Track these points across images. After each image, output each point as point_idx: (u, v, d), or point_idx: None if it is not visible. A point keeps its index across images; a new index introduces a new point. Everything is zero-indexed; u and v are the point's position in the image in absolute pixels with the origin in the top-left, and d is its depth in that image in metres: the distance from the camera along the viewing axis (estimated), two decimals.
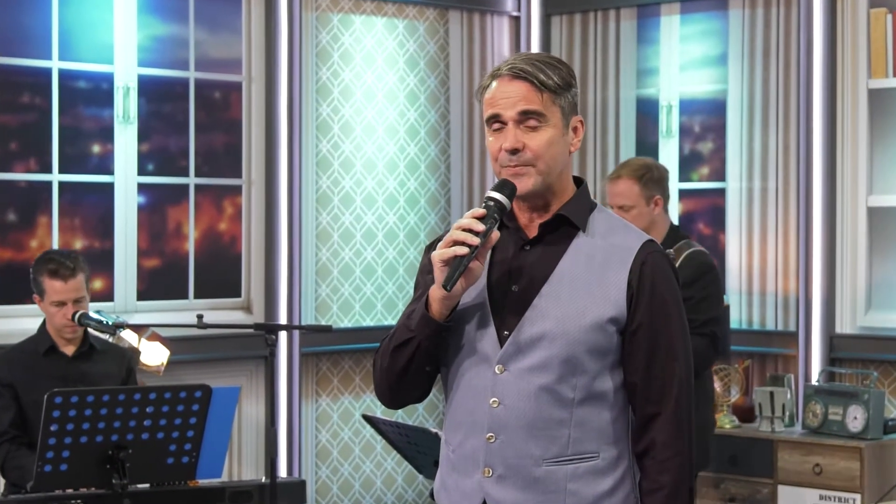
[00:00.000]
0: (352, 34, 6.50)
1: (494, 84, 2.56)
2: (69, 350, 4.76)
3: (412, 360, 2.57)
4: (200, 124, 6.04)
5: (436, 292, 2.51)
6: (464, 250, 2.47)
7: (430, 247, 2.63)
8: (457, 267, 2.46)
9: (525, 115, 2.52)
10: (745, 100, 6.34)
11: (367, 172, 6.54)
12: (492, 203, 2.51)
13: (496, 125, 2.55)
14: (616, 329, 2.54)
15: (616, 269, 2.55)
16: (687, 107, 6.55)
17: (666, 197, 4.95)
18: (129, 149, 5.81)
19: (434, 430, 4.34)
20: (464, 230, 2.48)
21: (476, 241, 2.47)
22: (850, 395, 5.66)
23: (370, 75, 6.55)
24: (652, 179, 4.89)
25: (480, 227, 2.48)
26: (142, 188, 5.86)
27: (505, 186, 2.53)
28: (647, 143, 6.66)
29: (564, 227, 2.59)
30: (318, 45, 6.37)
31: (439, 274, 2.48)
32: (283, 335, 6.09)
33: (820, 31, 6.02)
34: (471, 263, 2.48)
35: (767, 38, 6.28)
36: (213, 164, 6.10)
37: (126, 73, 5.80)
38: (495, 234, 2.52)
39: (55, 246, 5.57)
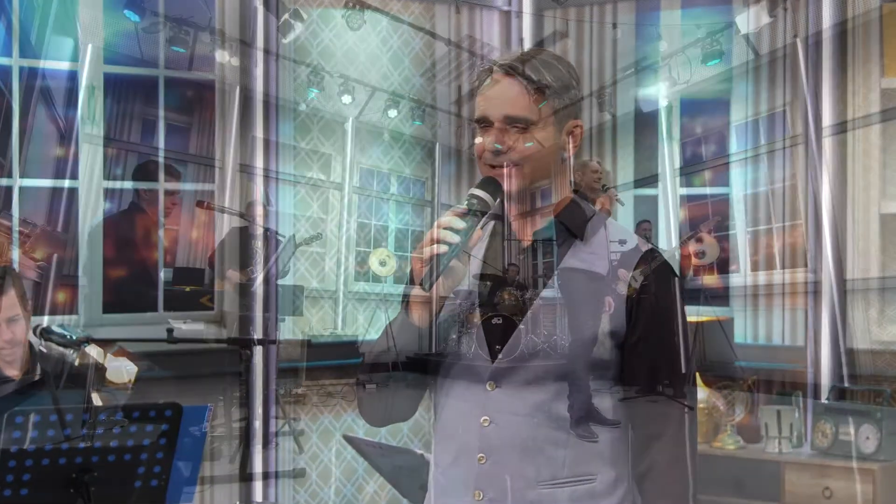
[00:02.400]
0: (332, 30, 6.50)
1: (487, 82, 2.57)
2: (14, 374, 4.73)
3: (394, 369, 2.57)
4: (171, 126, 6.03)
5: (417, 295, 2.51)
6: (443, 248, 2.46)
7: None
8: (436, 266, 2.46)
9: (511, 120, 2.53)
10: (751, 100, 6.34)
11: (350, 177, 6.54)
12: (475, 201, 2.51)
13: (484, 125, 2.56)
14: (615, 343, 2.54)
15: (615, 280, 2.55)
16: (689, 107, 6.55)
17: None
18: (94, 152, 5.80)
19: (420, 452, 4.33)
20: (444, 228, 2.47)
21: (456, 238, 2.47)
22: (861, 414, 5.67)
23: (352, 73, 6.55)
24: None
25: (461, 224, 2.48)
26: (108, 194, 5.85)
27: (489, 184, 2.53)
28: (646, 145, 6.66)
29: (561, 234, 2.59)
30: (296, 40, 6.36)
31: (419, 274, 2.48)
32: (258, 350, 6.08)
33: (829, 27, 6.03)
34: (453, 263, 2.48)
35: (774, 35, 6.29)
36: (185, 167, 6.09)
37: (92, 72, 5.79)
38: (478, 233, 2.51)
39: (15, 255, 5.55)
